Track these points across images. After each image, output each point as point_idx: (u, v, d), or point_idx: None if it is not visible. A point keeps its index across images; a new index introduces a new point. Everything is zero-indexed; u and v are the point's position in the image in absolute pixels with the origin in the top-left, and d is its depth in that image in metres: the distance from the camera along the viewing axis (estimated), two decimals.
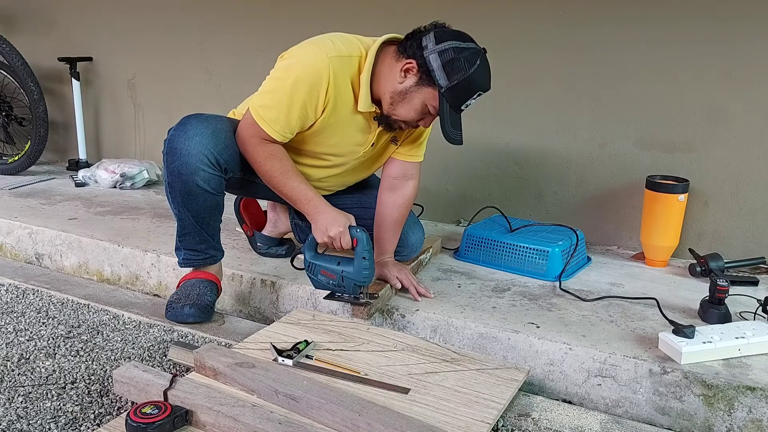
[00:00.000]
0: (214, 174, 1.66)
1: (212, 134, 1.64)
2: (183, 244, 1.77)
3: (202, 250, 1.78)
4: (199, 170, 1.62)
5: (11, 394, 1.42)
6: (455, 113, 1.60)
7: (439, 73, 1.55)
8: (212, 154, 1.63)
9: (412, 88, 1.59)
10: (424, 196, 2.66)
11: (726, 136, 2.12)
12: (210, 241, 1.78)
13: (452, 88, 1.55)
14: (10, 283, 2.11)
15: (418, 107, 1.61)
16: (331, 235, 1.65)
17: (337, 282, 1.69)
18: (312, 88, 1.58)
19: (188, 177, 1.63)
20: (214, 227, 1.77)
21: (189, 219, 1.71)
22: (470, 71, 1.55)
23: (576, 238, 2.05)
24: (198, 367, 1.43)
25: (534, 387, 1.57)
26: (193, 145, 1.61)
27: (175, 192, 1.67)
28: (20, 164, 3.26)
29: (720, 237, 2.18)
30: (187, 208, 1.69)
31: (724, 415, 1.39)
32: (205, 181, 1.65)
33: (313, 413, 1.25)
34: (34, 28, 3.54)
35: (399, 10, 2.52)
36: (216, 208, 1.74)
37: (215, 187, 1.68)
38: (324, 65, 1.57)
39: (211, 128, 1.65)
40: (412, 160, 1.86)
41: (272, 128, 1.63)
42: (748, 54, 2.04)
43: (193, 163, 1.62)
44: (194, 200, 1.68)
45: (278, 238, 2.12)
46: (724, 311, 1.66)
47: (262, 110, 1.63)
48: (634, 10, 2.17)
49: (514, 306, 1.76)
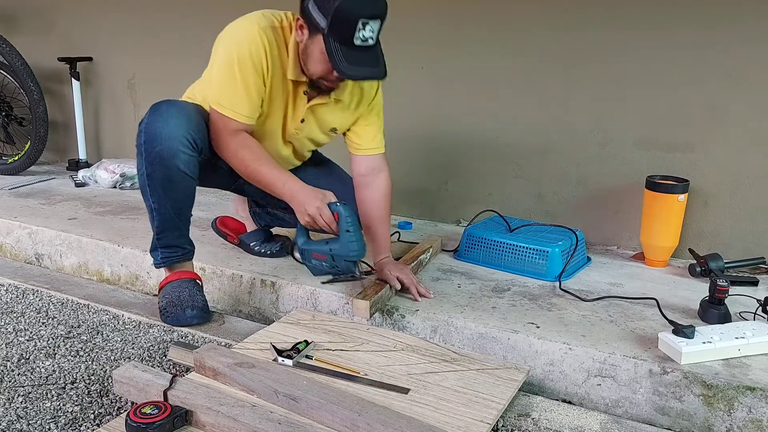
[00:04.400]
0: (192, 156, 1.68)
1: (186, 115, 1.67)
2: (162, 241, 1.76)
3: (180, 245, 1.78)
4: (179, 153, 1.64)
5: (11, 394, 1.42)
6: (352, 49, 1.57)
7: (317, 18, 1.56)
8: (190, 135, 1.65)
9: (307, 42, 1.62)
10: (425, 195, 2.66)
11: (726, 136, 2.12)
12: (186, 235, 1.79)
13: (332, 26, 1.55)
14: (10, 283, 2.11)
15: (318, 57, 1.61)
16: (310, 213, 1.64)
17: (330, 263, 1.68)
18: (255, 63, 1.64)
19: (170, 161, 1.64)
20: (188, 218, 1.79)
21: (169, 211, 1.72)
22: (337, 3, 1.53)
23: (576, 238, 2.05)
24: (198, 367, 1.43)
25: (534, 387, 1.57)
26: (173, 128, 1.64)
27: (155, 183, 1.68)
28: (20, 164, 3.26)
29: (720, 237, 2.18)
30: (168, 198, 1.70)
31: (724, 415, 1.39)
32: (185, 164, 1.66)
33: (313, 413, 1.25)
34: (34, 28, 3.54)
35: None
36: (192, 196, 1.76)
37: (193, 170, 1.70)
38: (257, 37, 1.63)
39: (183, 110, 1.68)
40: (374, 153, 1.88)
41: (239, 113, 1.67)
42: (748, 54, 2.04)
43: (174, 146, 1.64)
44: (175, 187, 1.69)
45: (264, 232, 2.13)
46: (724, 311, 1.66)
47: (223, 101, 1.67)
48: (634, 11, 2.17)
49: (513, 306, 1.76)
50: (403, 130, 2.63)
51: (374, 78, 1.65)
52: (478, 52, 2.44)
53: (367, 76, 1.64)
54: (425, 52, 2.53)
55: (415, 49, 2.54)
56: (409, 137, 2.63)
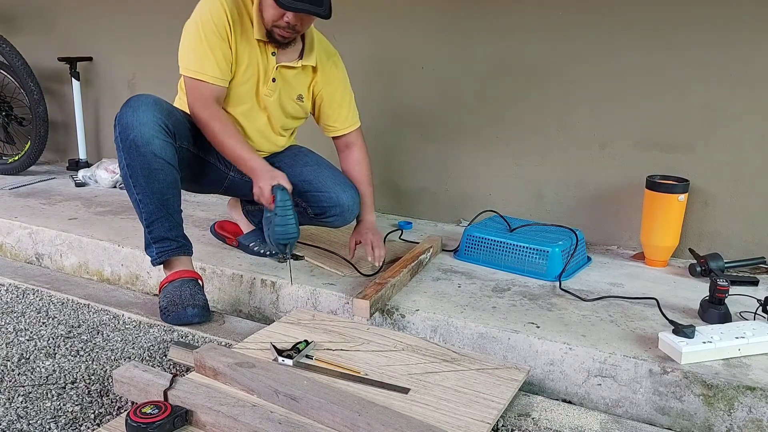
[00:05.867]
0: (167, 141, 1.73)
1: (154, 103, 1.75)
2: (153, 235, 1.77)
3: (174, 238, 1.79)
4: (153, 138, 1.70)
5: (11, 394, 1.42)
6: None
7: None
8: (161, 120, 1.72)
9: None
10: (425, 195, 2.66)
11: (726, 136, 2.12)
12: (179, 227, 1.81)
13: None
14: (10, 283, 2.11)
15: (270, 2, 1.73)
16: (254, 191, 1.74)
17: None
18: (218, 27, 1.76)
19: (145, 148, 1.69)
20: (177, 211, 1.81)
21: (154, 202, 1.74)
22: None
23: (576, 238, 2.05)
24: (198, 367, 1.43)
25: (534, 387, 1.57)
26: (141, 115, 1.70)
27: (136, 173, 1.71)
28: (20, 164, 3.26)
29: (720, 237, 2.18)
30: (150, 189, 1.72)
31: (724, 415, 1.39)
32: (161, 149, 1.71)
33: (313, 413, 1.25)
34: (34, 28, 3.54)
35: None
36: (176, 186, 1.78)
37: (171, 157, 1.74)
38: (217, 5, 1.76)
39: (151, 99, 1.76)
40: (349, 130, 2.05)
41: (208, 74, 1.77)
42: (748, 54, 2.04)
43: (147, 132, 1.69)
44: (155, 177, 1.72)
45: (261, 230, 2.13)
46: (724, 311, 1.66)
47: (191, 65, 1.78)
48: (634, 10, 2.17)
49: (514, 306, 1.76)
50: (404, 130, 2.63)
51: (314, 13, 1.72)
52: (479, 52, 2.44)
53: (308, 11, 1.71)
54: (425, 53, 2.53)
55: (415, 49, 2.55)
56: (409, 137, 2.63)
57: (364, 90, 2.16)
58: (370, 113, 2.16)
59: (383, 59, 2.62)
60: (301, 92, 1.98)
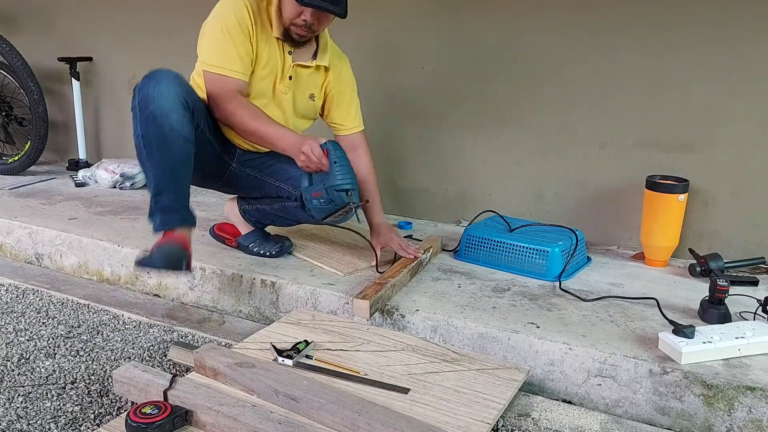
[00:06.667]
0: (186, 116, 1.73)
1: (176, 78, 1.75)
2: (159, 203, 1.74)
3: (178, 210, 1.76)
4: (172, 112, 1.70)
5: (11, 394, 1.42)
6: None
7: None
8: (181, 95, 1.72)
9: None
10: (425, 195, 2.66)
11: (726, 136, 2.12)
12: (185, 201, 1.79)
13: None
14: (10, 283, 2.11)
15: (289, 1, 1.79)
16: (303, 150, 1.75)
17: (326, 197, 1.77)
18: (241, 25, 1.80)
19: (163, 120, 1.69)
20: (186, 185, 1.80)
21: (166, 172, 1.73)
22: None
23: (576, 238, 2.05)
24: (198, 367, 1.43)
25: (534, 387, 1.57)
26: (164, 88, 1.70)
27: (151, 143, 1.71)
28: (20, 164, 3.26)
29: (720, 237, 2.18)
30: (163, 158, 1.72)
31: (724, 415, 1.39)
32: (178, 123, 1.71)
33: (313, 413, 1.25)
34: (34, 28, 3.54)
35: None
36: (189, 161, 1.78)
37: (188, 131, 1.74)
38: (240, 3, 1.81)
39: (173, 75, 1.76)
40: (354, 132, 2.10)
41: (230, 69, 1.80)
42: (748, 54, 2.04)
43: (167, 105, 1.70)
44: (170, 147, 1.71)
45: (261, 232, 2.14)
46: (724, 311, 1.66)
47: (214, 61, 1.81)
48: (634, 11, 2.17)
49: (514, 306, 1.76)
50: (404, 130, 2.63)
51: (331, 11, 1.77)
52: (479, 52, 2.44)
53: (326, 8, 1.75)
54: (425, 53, 2.54)
55: (415, 49, 2.55)
56: (409, 137, 2.63)
57: (364, 90, 2.16)
58: (370, 113, 2.16)
59: (383, 59, 2.62)
60: (314, 91, 2.02)
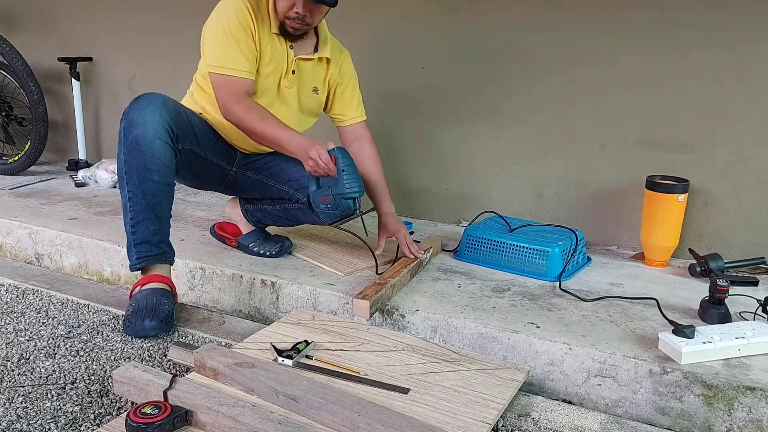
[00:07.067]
0: (168, 144, 1.73)
1: (163, 103, 1.76)
2: (136, 237, 1.75)
3: (156, 243, 1.76)
4: (155, 139, 1.71)
5: (11, 394, 1.42)
6: None
7: None
8: (166, 121, 1.73)
9: None
10: (425, 195, 2.66)
11: (726, 136, 2.12)
12: (164, 235, 1.79)
13: None
14: (10, 283, 2.11)
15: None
16: (311, 156, 1.74)
17: (332, 203, 1.78)
18: (243, 24, 1.81)
19: (146, 147, 1.69)
20: (166, 217, 1.80)
21: (143, 203, 1.73)
22: None
23: (576, 238, 2.05)
24: (198, 367, 1.43)
25: (534, 387, 1.57)
26: (148, 114, 1.71)
27: (132, 170, 1.71)
28: (20, 164, 3.26)
29: (720, 237, 2.18)
30: (142, 190, 1.72)
31: (724, 415, 1.39)
32: (161, 151, 1.71)
33: (313, 413, 1.25)
34: (34, 28, 3.54)
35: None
36: (169, 191, 1.78)
37: (169, 160, 1.75)
38: (240, 3, 1.81)
39: (160, 99, 1.77)
40: (357, 121, 2.10)
41: (236, 69, 1.80)
42: (748, 54, 2.04)
43: (150, 132, 1.70)
44: (150, 177, 1.71)
45: (261, 232, 2.15)
46: (724, 311, 1.66)
47: (219, 62, 1.81)
48: (634, 11, 2.17)
49: (514, 306, 1.76)
50: (403, 129, 2.63)
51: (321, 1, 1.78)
52: (479, 52, 2.44)
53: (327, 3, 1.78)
54: (424, 52, 2.53)
55: (414, 49, 2.55)
56: (409, 137, 2.63)
57: (364, 89, 2.15)
58: (370, 113, 2.16)
59: (383, 59, 2.62)
60: (317, 84, 2.03)
